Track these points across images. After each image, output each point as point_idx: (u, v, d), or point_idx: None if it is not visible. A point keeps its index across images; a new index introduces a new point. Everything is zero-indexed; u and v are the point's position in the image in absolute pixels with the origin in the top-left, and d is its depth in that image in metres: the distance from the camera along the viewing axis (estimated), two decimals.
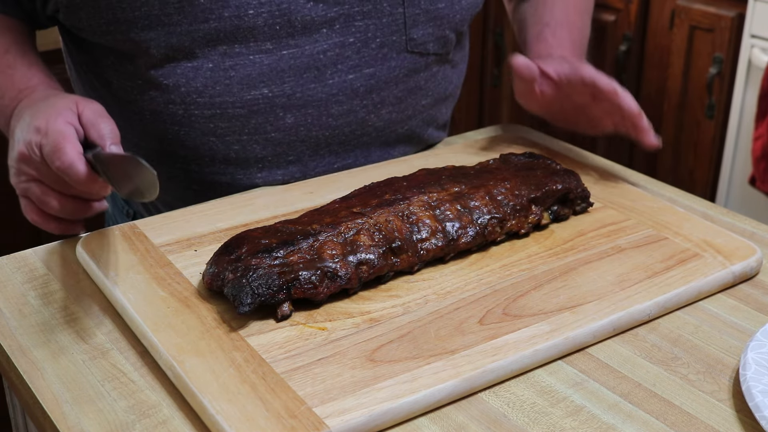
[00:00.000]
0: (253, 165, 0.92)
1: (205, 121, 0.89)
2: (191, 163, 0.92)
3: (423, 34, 0.94)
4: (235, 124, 0.89)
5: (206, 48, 0.86)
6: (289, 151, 0.92)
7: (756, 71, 1.95)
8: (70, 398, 0.62)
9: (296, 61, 0.88)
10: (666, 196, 0.91)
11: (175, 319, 0.67)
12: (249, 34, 0.86)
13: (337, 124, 0.92)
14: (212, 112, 0.88)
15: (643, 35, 2.25)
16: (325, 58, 0.89)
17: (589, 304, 0.70)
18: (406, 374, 0.62)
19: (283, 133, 0.90)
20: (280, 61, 0.88)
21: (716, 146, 2.13)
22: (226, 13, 0.85)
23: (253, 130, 0.90)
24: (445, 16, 0.94)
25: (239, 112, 0.88)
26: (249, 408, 0.58)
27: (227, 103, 0.88)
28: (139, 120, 0.90)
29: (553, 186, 0.82)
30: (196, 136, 0.90)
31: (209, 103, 0.88)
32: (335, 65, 0.90)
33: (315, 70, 0.89)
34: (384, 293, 0.72)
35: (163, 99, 0.88)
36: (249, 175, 0.92)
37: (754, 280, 0.77)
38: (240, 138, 0.90)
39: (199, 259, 0.75)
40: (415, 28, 0.93)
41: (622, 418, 0.61)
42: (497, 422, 0.60)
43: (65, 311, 0.71)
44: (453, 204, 0.77)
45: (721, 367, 0.66)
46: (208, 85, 0.87)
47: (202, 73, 0.87)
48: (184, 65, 0.86)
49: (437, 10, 0.93)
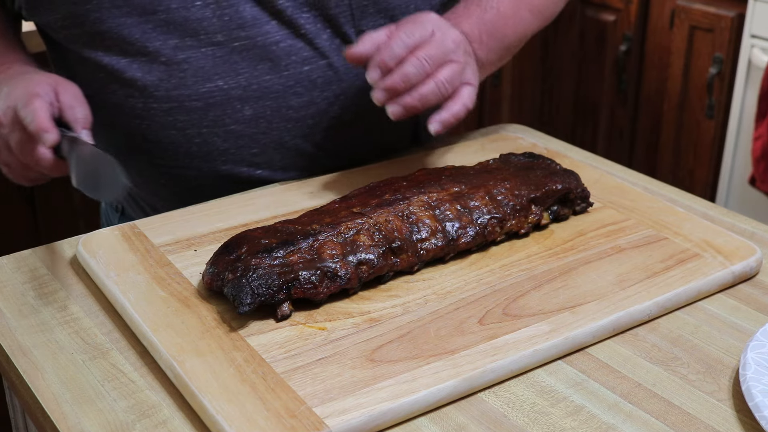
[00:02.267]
0: (216, 158, 0.92)
1: (164, 114, 0.89)
2: (156, 157, 0.93)
3: (374, 26, 0.92)
4: (193, 117, 0.89)
5: (157, 42, 0.87)
6: (252, 144, 0.92)
7: (756, 71, 1.95)
8: (70, 398, 0.62)
9: (249, 53, 0.88)
10: (666, 196, 0.91)
11: (175, 319, 0.67)
12: (199, 27, 0.86)
13: (299, 116, 0.92)
14: (170, 106, 0.89)
15: (643, 35, 2.25)
16: (278, 49, 0.89)
17: (589, 304, 0.70)
18: (406, 374, 0.62)
19: (243, 126, 0.90)
20: (232, 53, 0.88)
21: (716, 146, 2.13)
22: (173, 5, 0.85)
23: (212, 123, 0.90)
24: (396, 6, 0.93)
25: (196, 105, 0.89)
26: (249, 408, 0.58)
27: (183, 96, 0.88)
28: (104, 114, 0.91)
29: (553, 186, 0.82)
30: (157, 130, 0.90)
31: (166, 97, 0.88)
32: (289, 57, 0.90)
33: (269, 61, 0.89)
34: (384, 293, 0.72)
35: (123, 93, 0.89)
36: (214, 168, 0.92)
37: (754, 280, 0.77)
38: (200, 131, 0.90)
39: (199, 259, 0.75)
40: (364, 20, 0.91)
41: (622, 418, 0.61)
42: (497, 422, 0.60)
43: (65, 311, 0.71)
44: (453, 204, 0.77)
45: (721, 367, 0.66)
46: (163, 78, 0.88)
47: (156, 66, 0.87)
48: (140, 59, 0.87)
49: (386, 2, 0.92)
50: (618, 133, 2.40)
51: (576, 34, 2.41)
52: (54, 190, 1.75)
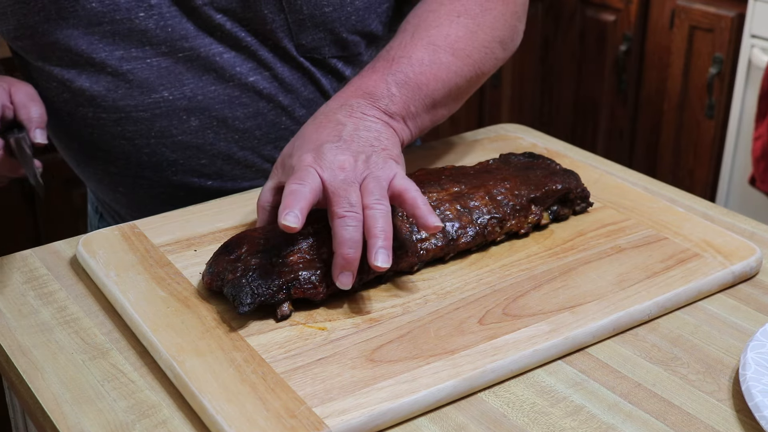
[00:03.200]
0: (166, 168, 0.92)
1: (113, 124, 0.90)
2: (110, 165, 0.93)
3: (314, 39, 0.90)
4: (141, 128, 0.90)
5: (104, 53, 0.87)
6: (200, 155, 0.91)
7: (756, 71, 1.96)
8: (70, 398, 0.62)
9: (193, 64, 0.88)
10: (666, 196, 0.91)
11: (175, 319, 0.67)
12: (143, 38, 0.86)
13: (246, 127, 0.91)
14: (118, 116, 0.89)
15: (643, 35, 2.25)
16: (222, 60, 0.88)
17: (589, 304, 0.70)
18: (405, 374, 0.62)
19: (190, 136, 0.90)
20: (177, 64, 0.88)
21: (716, 146, 2.13)
22: (117, 16, 0.85)
23: (159, 133, 0.90)
24: (335, 19, 0.89)
25: (143, 115, 0.89)
26: (249, 408, 0.58)
27: (130, 107, 0.89)
28: (59, 122, 0.92)
29: (553, 186, 0.82)
30: (108, 139, 0.91)
31: (113, 107, 0.89)
32: (234, 68, 0.89)
33: (213, 72, 0.89)
34: (384, 293, 0.72)
35: (74, 102, 0.89)
36: (165, 177, 0.93)
37: (754, 280, 0.77)
38: (148, 141, 0.90)
39: (199, 259, 0.75)
40: (303, 34, 0.89)
41: (622, 418, 0.61)
42: (497, 422, 0.60)
43: (65, 311, 0.71)
44: (453, 204, 0.77)
45: (721, 367, 0.66)
46: (110, 89, 0.88)
47: (104, 77, 0.88)
48: (88, 69, 0.87)
49: (324, 15, 0.89)
50: (618, 133, 2.40)
51: (576, 34, 2.41)
52: (54, 190, 1.75)
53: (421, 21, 0.86)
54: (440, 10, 0.87)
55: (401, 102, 0.81)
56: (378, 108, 0.79)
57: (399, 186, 0.72)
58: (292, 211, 0.67)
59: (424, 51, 0.83)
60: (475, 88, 0.91)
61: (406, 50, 0.83)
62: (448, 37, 0.85)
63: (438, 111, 0.85)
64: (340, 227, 0.68)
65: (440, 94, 0.84)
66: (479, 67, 0.88)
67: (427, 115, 0.84)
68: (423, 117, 0.84)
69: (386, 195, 0.71)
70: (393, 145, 0.77)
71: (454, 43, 0.85)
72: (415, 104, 0.82)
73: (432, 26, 0.85)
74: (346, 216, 0.68)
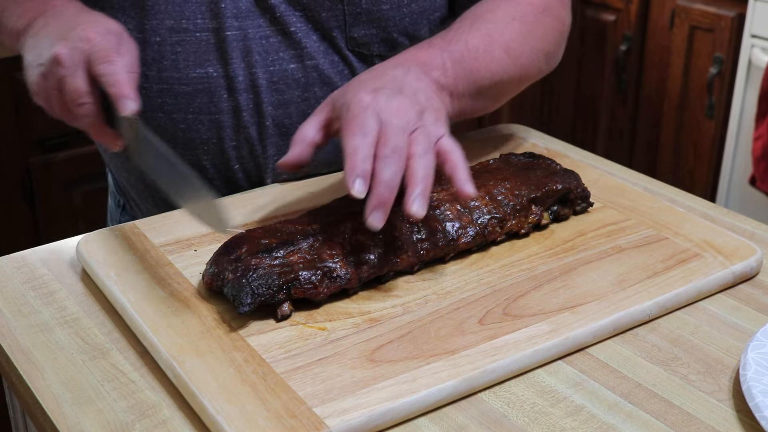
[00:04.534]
0: (198, 147, 0.92)
1: (154, 95, 0.90)
2: None
3: (365, 34, 0.92)
4: (180, 102, 0.90)
5: (154, 21, 0.88)
6: (234, 135, 0.92)
7: (756, 71, 1.96)
8: (70, 398, 0.62)
9: (239, 44, 0.89)
10: (666, 196, 0.91)
11: (175, 319, 0.67)
12: (197, 11, 0.87)
13: (276, 114, 0.92)
14: (160, 87, 0.90)
15: (643, 35, 2.25)
16: (267, 44, 0.89)
17: (589, 304, 0.70)
18: (406, 374, 0.62)
19: (226, 116, 0.91)
20: (224, 42, 0.89)
21: (716, 146, 2.13)
22: None
23: (197, 109, 0.90)
24: (390, 18, 0.92)
25: (185, 89, 0.89)
26: (249, 408, 0.58)
27: (174, 79, 0.89)
28: None
29: (553, 186, 0.82)
30: (146, 110, 0.91)
31: (157, 77, 0.89)
32: (277, 52, 0.90)
33: (257, 54, 0.90)
34: (384, 293, 0.72)
35: None
36: (196, 157, 0.93)
37: (754, 280, 0.77)
38: (186, 117, 0.91)
39: (199, 259, 0.75)
40: (356, 27, 0.91)
41: (622, 418, 0.61)
42: (497, 422, 0.60)
43: (65, 311, 0.71)
44: (453, 204, 0.77)
45: (721, 367, 0.66)
46: (156, 58, 0.89)
47: (151, 46, 0.88)
48: (135, 36, 0.87)
49: (380, 12, 0.91)
50: (618, 132, 2.40)
51: (576, 34, 2.41)
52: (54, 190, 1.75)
53: (479, 15, 0.90)
54: (498, 10, 0.91)
55: (452, 77, 0.83)
56: (430, 77, 0.81)
57: (446, 146, 0.73)
58: (359, 177, 0.68)
59: (481, 40, 0.87)
60: (515, 93, 0.94)
61: (463, 35, 0.87)
62: (503, 35, 0.89)
63: (479, 101, 0.88)
64: (382, 167, 0.69)
65: (487, 84, 0.87)
66: (525, 71, 0.91)
67: (470, 100, 0.86)
68: (466, 100, 0.86)
69: (433, 149, 0.72)
70: (444, 108, 0.80)
71: (508, 42, 0.89)
72: (464, 85, 0.85)
73: (489, 21, 0.89)
74: (389, 156, 0.69)
